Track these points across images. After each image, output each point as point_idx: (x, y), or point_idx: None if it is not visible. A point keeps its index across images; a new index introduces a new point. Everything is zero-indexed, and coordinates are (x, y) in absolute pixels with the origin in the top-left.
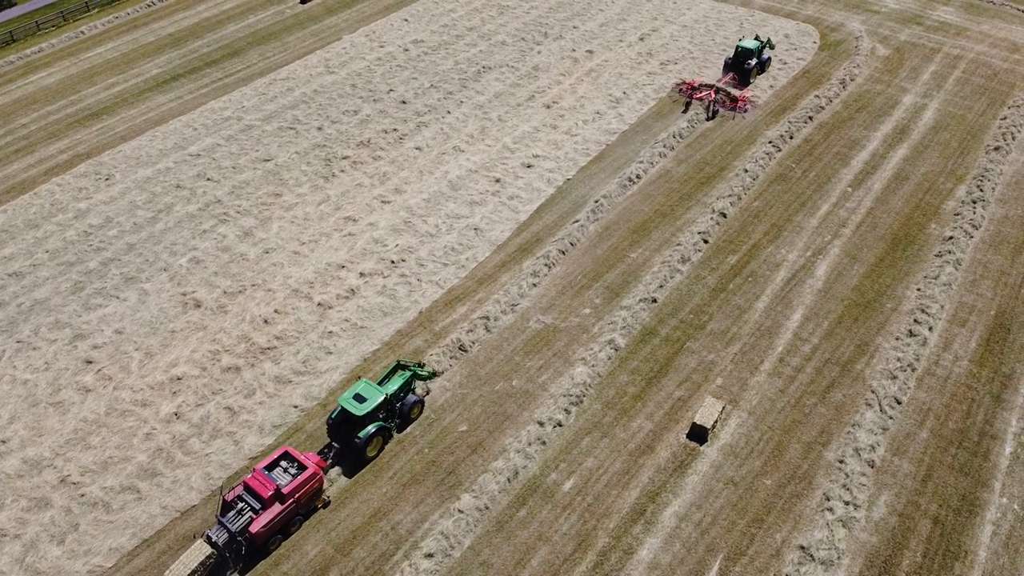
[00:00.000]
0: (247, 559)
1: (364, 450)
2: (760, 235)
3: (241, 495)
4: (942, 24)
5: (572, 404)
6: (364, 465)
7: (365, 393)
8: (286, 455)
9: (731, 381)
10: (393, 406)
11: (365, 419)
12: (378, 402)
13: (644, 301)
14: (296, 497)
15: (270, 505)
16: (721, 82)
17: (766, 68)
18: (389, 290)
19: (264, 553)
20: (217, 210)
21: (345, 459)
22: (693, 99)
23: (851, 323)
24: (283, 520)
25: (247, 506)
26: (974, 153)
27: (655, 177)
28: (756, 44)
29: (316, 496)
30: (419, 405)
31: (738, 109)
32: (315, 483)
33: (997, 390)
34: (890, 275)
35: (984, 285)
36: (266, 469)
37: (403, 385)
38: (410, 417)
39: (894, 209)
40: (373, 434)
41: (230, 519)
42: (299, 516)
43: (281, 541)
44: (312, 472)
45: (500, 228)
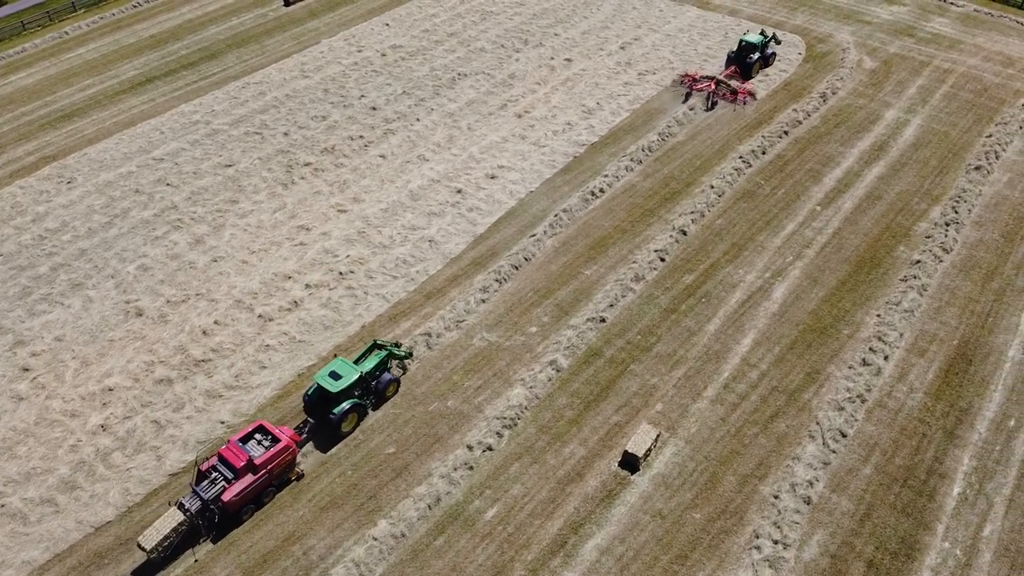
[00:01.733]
0: (220, 527)
1: (339, 426)
2: (719, 254)
3: (215, 465)
4: (935, 36)
5: (505, 427)
6: (339, 440)
7: (340, 371)
8: (261, 428)
9: (671, 407)
10: (368, 384)
11: (340, 396)
12: (353, 380)
13: (592, 320)
14: (268, 468)
15: (243, 475)
16: (723, 75)
17: (771, 63)
18: (333, 303)
19: (237, 522)
20: (172, 216)
21: (321, 435)
22: (693, 90)
23: (804, 349)
24: (255, 490)
25: (220, 476)
26: (953, 172)
27: (619, 191)
28: (759, 39)
29: (289, 468)
30: (395, 384)
31: (738, 101)
32: (287, 456)
33: (951, 425)
34: (851, 300)
35: (949, 313)
36: (240, 441)
37: (379, 364)
38: (385, 395)
39: (863, 230)
40: (348, 411)
41: (204, 488)
42: (272, 487)
43: (254, 511)
44: (285, 445)
45: (456, 241)
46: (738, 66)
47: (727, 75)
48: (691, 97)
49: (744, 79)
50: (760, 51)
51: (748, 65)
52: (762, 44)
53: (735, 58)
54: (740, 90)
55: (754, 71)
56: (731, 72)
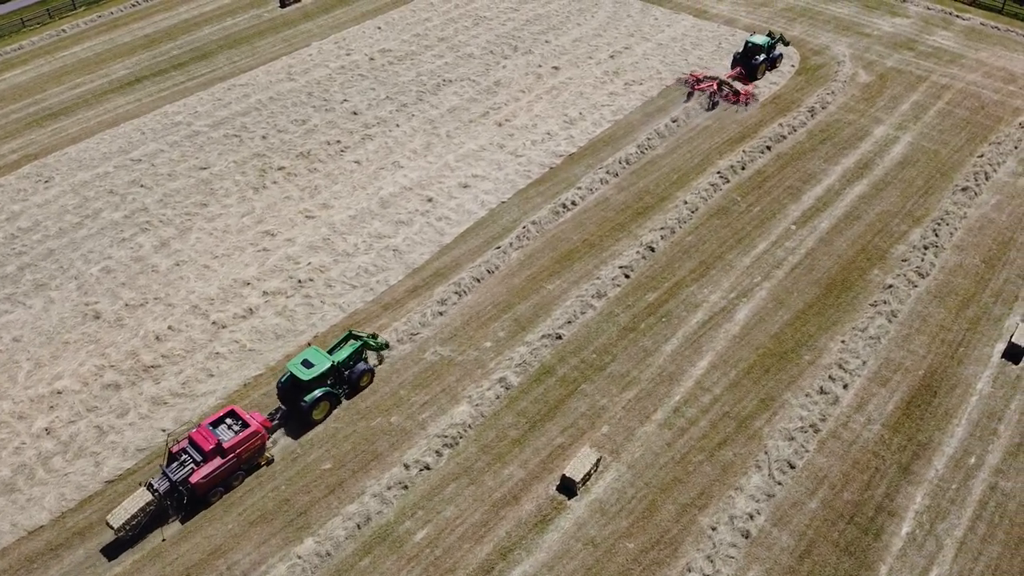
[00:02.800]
0: (188, 508)
1: (309, 413)
2: (686, 272)
3: (185, 448)
4: (936, 50)
5: (446, 446)
6: (310, 428)
7: (313, 359)
8: (232, 413)
9: (618, 430)
10: (341, 374)
11: (311, 384)
12: (325, 368)
13: (549, 337)
14: (237, 453)
15: (211, 458)
16: (727, 76)
17: (777, 65)
18: (289, 311)
19: (205, 503)
20: (141, 218)
21: (293, 422)
22: (695, 90)
23: (761, 374)
24: (224, 473)
25: (190, 458)
26: (939, 193)
27: (592, 204)
28: (766, 40)
29: (258, 454)
30: (368, 374)
31: (739, 103)
32: (256, 441)
33: (907, 460)
34: (816, 324)
35: (918, 341)
36: (211, 425)
37: (353, 354)
38: (359, 386)
39: (837, 251)
40: (319, 399)
41: (173, 469)
42: (241, 471)
43: (223, 493)
44: (254, 430)
45: (420, 250)
46: (744, 67)
47: (731, 76)
48: (693, 97)
49: (749, 81)
50: (766, 52)
51: (753, 66)
52: (768, 45)
53: (740, 59)
54: (743, 91)
55: (759, 72)
56: (736, 73)
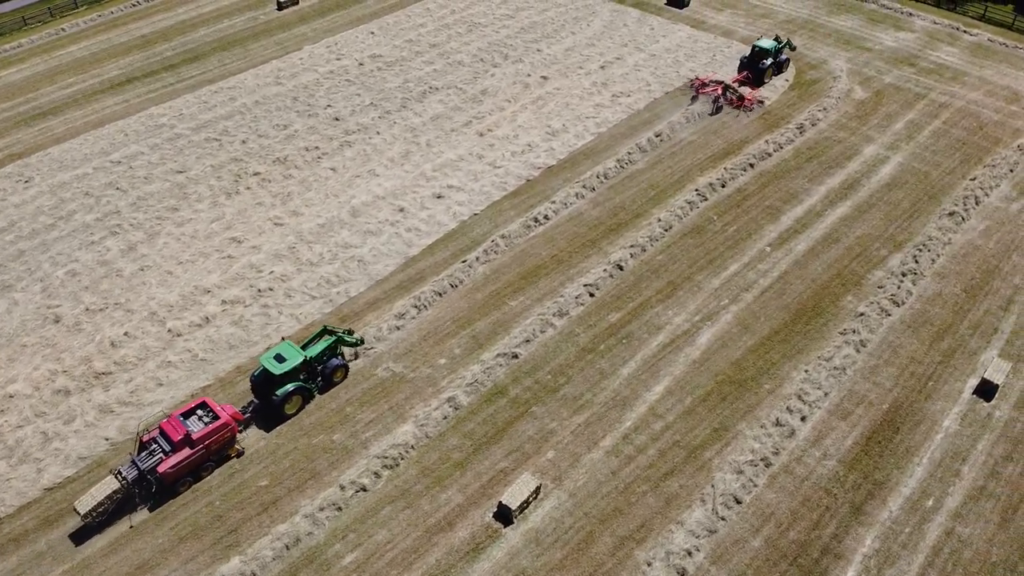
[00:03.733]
0: (157, 496)
1: (281, 407)
2: (652, 292)
3: (155, 437)
4: (938, 66)
5: (386, 467)
6: (282, 421)
7: (285, 353)
8: (203, 405)
9: (564, 455)
10: (314, 368)
11: (283, 378)
12: (297, 363)
13: (504, 356)
14: (206, 444)
15: (180, 449)
16: (733, 80)
17: (784, 69)
18: (245, 321)
19: (173, 493)
20: (112, 221)
21: (266, 416)
22: (700, 93)
23: (717, 402)
24: (192, 464)
25: (159, 448)
26: (925, 217)
27: (565, 219)
28: (773, 44)
29: (228, 446)
30: (342, 369)
31: (744, 107)
32: (226, 433)
33: (860, 500)
34: (780, 351)
35: (886, 373)
36: (182, 416)
37: (326, 349)
38: (333, 380)
39: (811, 275)
40: (291, 393)
41: (142, 458)
42: (210, 462)
43: (192, 483)
44: (224, 422)
45: (386, 262)
46: (750, 71)
47: (737, 80)
48: (697, 100)
49: (755, 85)
50: (773, 57)
51: (760, 71)
52: (775, 50)
53: (747, 63)
54: (747, 96)
55: (766, 77)
56: (742, 77)
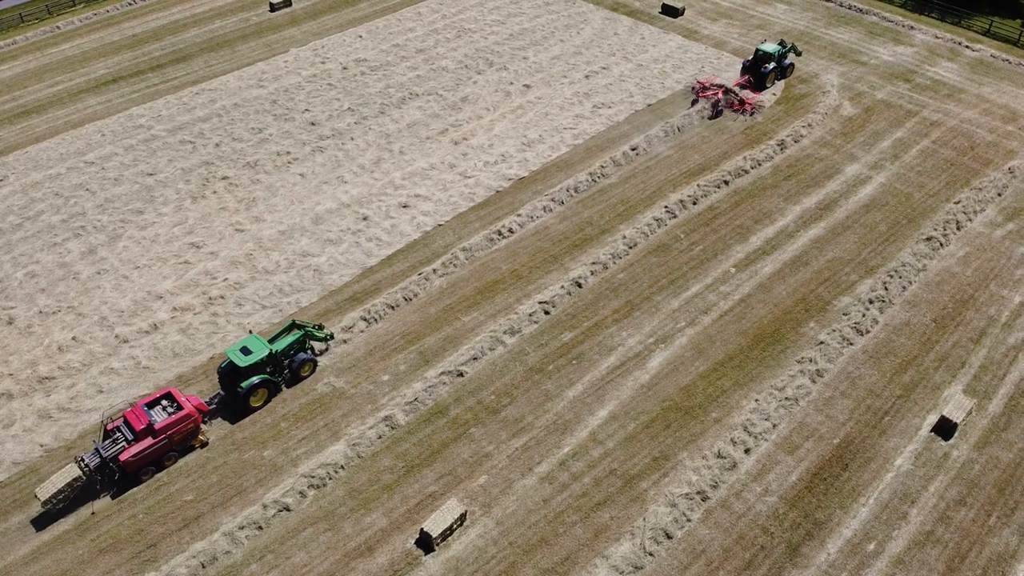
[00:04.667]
0: (119, 484)
1: (246, 400)
2: (608, 312)
3: (119, 426)
4: (935, 83)
5: (312, 487)
6: (247, 414)
7: (252, 346)
8: (168, 395)
9: (496, 481)
10: (280, 362)
11: (248, 371)
12: (262, 356)
13: (449, 374)
14: (168, 434)
15: (142, 438)
16: (734, 84)
17: (788, 74)
18: (192, 329)
19: (136, 481)
20: (77, 223)
21: (232, 408)
22: (700, 96)
23: (661, 430)
24: (154, 453)
25: (122, 436)
26: (901, 241)
27: (530, 233)
28: (776, 48)
29: (191, 436)
30: (310, 364)
31: (744, 111)
32: (189, 424)
33: (799, 540)
34: (732, 378)
35: (841, 405)
36: (147, 406)
37: (293, 343)
38: (300, 375)
39: (774, 299)
40: (256, 386)
41: (105, 446)
42: (173, 452)
43: (154, 472)
44: (187, 413)
45: (342, 272)
46: (752, 75)
47: (739, 84)
48: (697, 103)
49: (757, 89)
50: (777, 61)
51: (763, 75)
52: (779, 54)
53: (750, 67)
54: (748, 100)
55: (768, 81)
56: (744, 81)
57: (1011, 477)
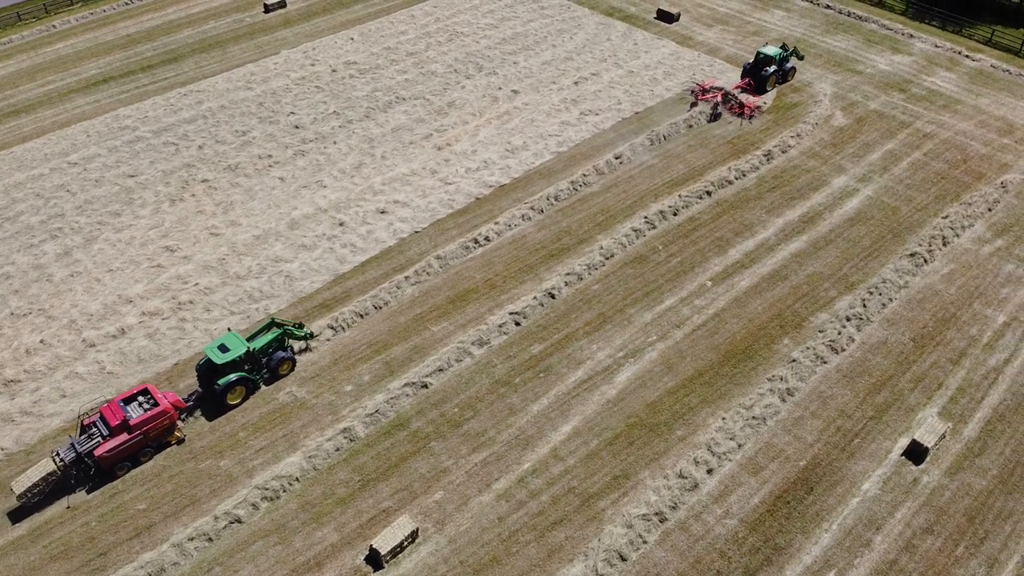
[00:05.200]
0: (95, 480)
1: (223, 397)
2: (580, 324)
3: (95, 421)
4: (931, 93)
5: (266, 499)
6: (225, 411)
7: (229, 344)
8: (145, 391)
9: (452, 497)
10: (259, 360)
11: (226, 368)
12: (240, 353)
13: (413, 385)
14: (144, 430)
15: (117, 434)
16: (734, 87)
17: (789, 78)
18: (160, 334)
19: (111, 476)
20: (55, 224)
21: (210, 405)
22: (700, 99)
23: (624, 447)
24: (129, 449)
25: (98, 432)
26: (884, 256)
27: (507, 241)
28: (777, 52)
29: (167, 433)
30: (289, 363)
31: (744, 115)
32: (164, 420)
33: (756, 565)
34: (701, 395)
35: (810, 426)
36: (123, 401)
37: (271, 341)
38: (279, 373)
39: (749, 314)
40: (233, 383)
41: (81, 441)
42: (149, 448)
43: (130, 468)
44: (162, 410)
45: (313, 279)
46: (752, 78)
47: (739, 87)
48: (696, 106)
49: (757, 93)
50: (778, 64)
51: (763, 78)
52: (780, 58)
53: (750, 70)
54: (747, 103)
55: (768, 84)
56: (744, 84)
57: (982, 505)
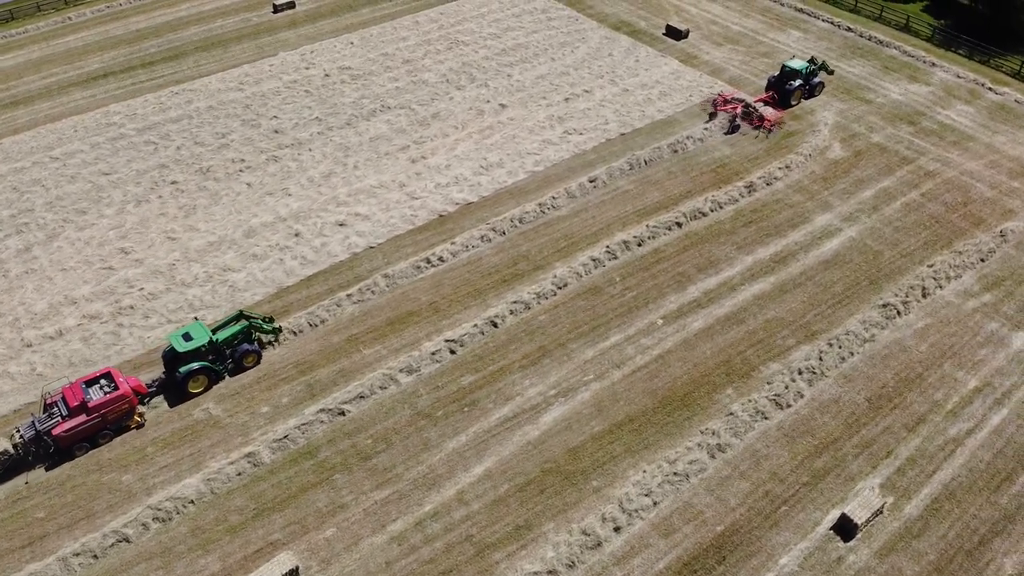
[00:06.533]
0: (54, 458)
1: (184, 384)
2: (518, 357)
3: (56, 401)
4: (942, 127)
5: (157, 520)
6: (186, 399)
7: (193, 333)
8: (108, 375)
9: (343, 536)
10: (222, 351)
11: (188, 356)
12: (202, 343)
13: (330, 412)
14: (102, 413)
15: (76, 415)
16: (756, 100)
17: (816, 93)
18: (95, 339)
19: (69, 456)
20: (23, 219)
21: (172, 392)
22: (719, 111)
23: (534, 495)
24: (87, 431)
25: (59, 411)
26: (855, 305)
27: (462, 263)
28: (804, 65)
29: (127, 417)
30: (254, 355)
31: (763, 128)
32: (123, 404)
33: None
34: (626, 444)
35: (736, 488)
36: (85, 383)
37: (237, 333)
38: (243, 365)
39: (696, 359)
40: (195, 371)
41: (42, 419)
42: (108, 431)
43: (88, 449)
44: (121, 394)
45: (256, 291)
46: (777, 92)
47: (762, 100)
48: (715, 117)
49: (781, 107)
50: (804, 79)
51: (788, 92)
52: (807, 72)
53: (775, 83)
54: (768, 117)
55: (793, 99)
56: (767, 97)
57: None
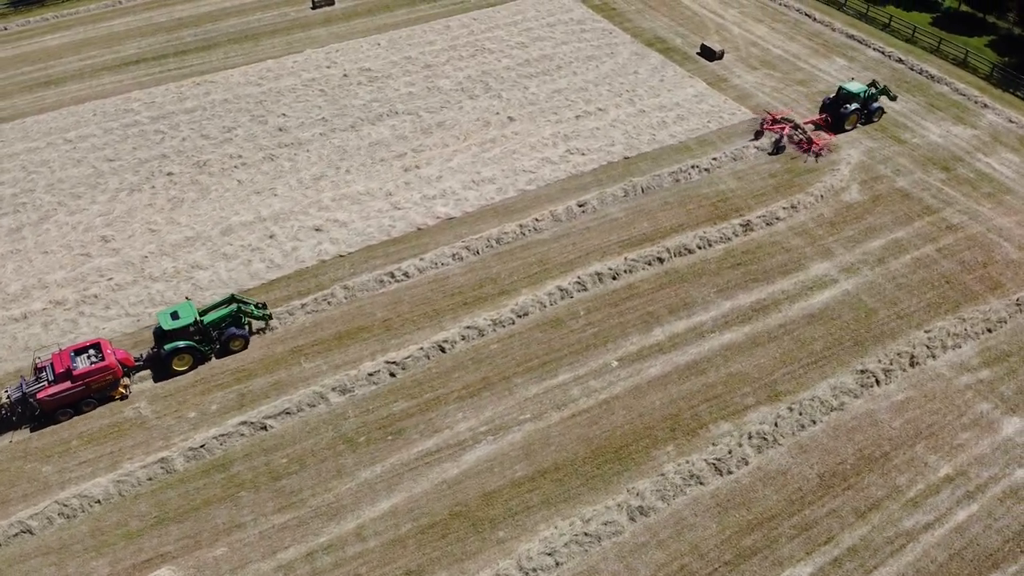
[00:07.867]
0: (39, 420)
1: (168, 361)
2: (458, 387)
3: (45, 366)
4: (979, 176)
5: (63, 515)
6: (170, 376)
7: (182, 312)
8: (97, 345)
9: (232, 557)
10: (208, 332)
11: (173, 334)
12: (188, 322)
13: (252, 425)
14: (86, 381)
15: (61, 381)
16: (806, 122)
17: (875, 119)
18: (54, 325)
19: (53, 421)
20: (22, 199)
21: (158, 368)
22: (766, 129)
23: (436, 538)
24: (71, 397)
25: (47, 376)
26: (832, 368)
27: (427, 280)
28: (862, 89)
29: (111, 388)
30: (241, 340)
31: (810, 152)
32: (107, 375)
33: None
34: (545, 494)
35: (648, 559)
36: (75, 352)
37: (225, 316)
38: (230, 348)
39: (642, 408)
40: (180, 350)
41: (29, 382)
42: (91, 399)
43: (72, 415)
44: (107, 365)
45: (216, 291)
46: (831, 115)
47: (814, 122)
48: (762, 136)
49: (833, 131)
50: (862, 103)
51: (842, 116)
52: (865, 96)
53: (829, 105)
54: (817, 140)
55: (848, 123)
56: (820, 120)
57: None
